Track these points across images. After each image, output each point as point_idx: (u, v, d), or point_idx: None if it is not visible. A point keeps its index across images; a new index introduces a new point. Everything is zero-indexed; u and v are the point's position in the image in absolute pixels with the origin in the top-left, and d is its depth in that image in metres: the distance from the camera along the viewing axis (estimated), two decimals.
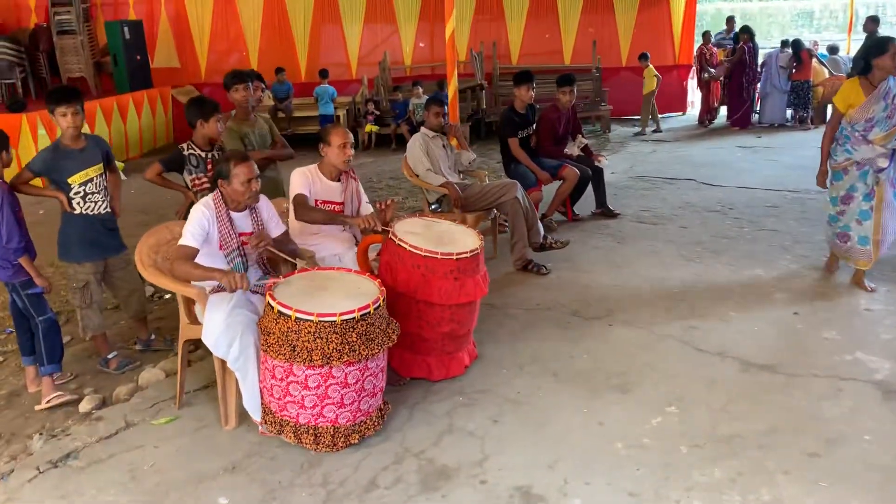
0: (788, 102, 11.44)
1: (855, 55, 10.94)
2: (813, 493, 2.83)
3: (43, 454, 3.26)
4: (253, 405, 3.26)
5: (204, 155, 4.38)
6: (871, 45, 4.74)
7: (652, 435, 3.24)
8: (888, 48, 4.46)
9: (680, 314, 4.51)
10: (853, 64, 10.58)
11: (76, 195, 3.93)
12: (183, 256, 3.30)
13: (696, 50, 12.43)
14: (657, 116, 11.72)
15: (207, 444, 3.30)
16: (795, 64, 11.14)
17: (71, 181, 3.90)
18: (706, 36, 12.27)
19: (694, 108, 12.98)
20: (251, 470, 3.09)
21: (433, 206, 5.67)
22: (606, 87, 11.92)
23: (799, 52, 11.14)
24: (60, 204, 3.96)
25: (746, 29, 11.52)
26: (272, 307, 3.05)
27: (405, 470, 3.05)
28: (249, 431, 3.35)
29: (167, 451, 3.26)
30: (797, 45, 11.25)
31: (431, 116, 5.54)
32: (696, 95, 12.90)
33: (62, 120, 3.84)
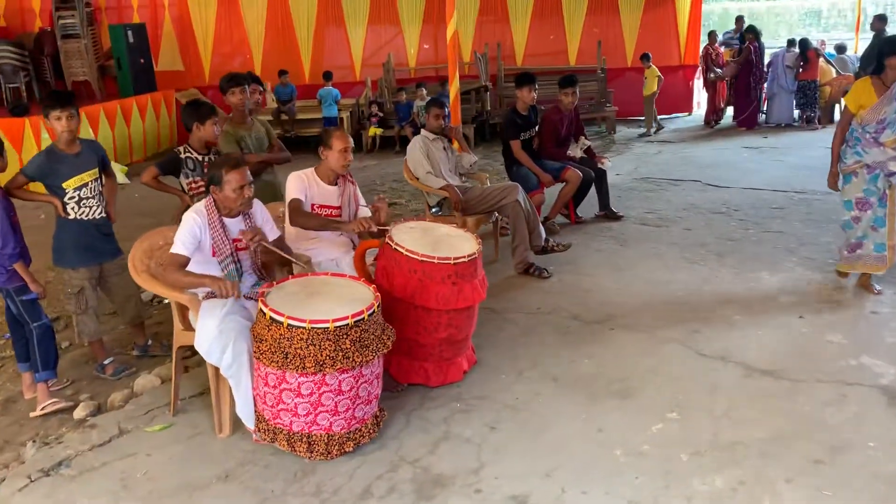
0: (796, 103, 11.34)
1: (863, 54, 10.91)
2: (816, 501, 2.77)
3: (35, 462, 3.23)
4: (246, 412, 3.22)
5: (200, 158, 4.34)
6: (884, 44, 4.60)
7: (652, 442, 3.18)
8: None
9: (682, 318, 4.44)
10: (861, 63, 10.53)
11: (71, 200, 3.91)
12: (174, 264, 3.28)
13: (702, 50, 12.34)
14: (656, 116, 11.64)
15: (201, 451, 3.26)
16: (802, 63, 11.03)
17: (65, 186, 3.88)
18: (712, 36, 12.16)
19: (700, 108, 12.88)
20: (244, 478, 3.05)
21: (434, 209, 5.63)
22: (611, 87, 11.83)
23: (805, 51, 11.03)
24: (55, 209, 3.94)
25: (752, 28, 11.41)
26: (264, 313, 3.01)
27: (400, 478, 3.00)
28: (243, 439, 3.31)
29: (160, 459, 3.22)
30: (804, 44, 11.14)
31: (432, 118, 5.50)
32: (702, 96, 12.79)
33: (56, 124, 3.83)
